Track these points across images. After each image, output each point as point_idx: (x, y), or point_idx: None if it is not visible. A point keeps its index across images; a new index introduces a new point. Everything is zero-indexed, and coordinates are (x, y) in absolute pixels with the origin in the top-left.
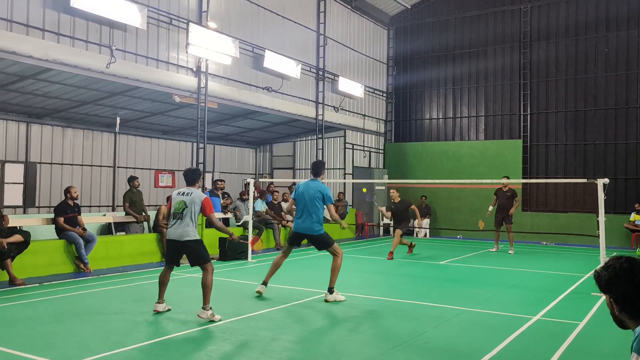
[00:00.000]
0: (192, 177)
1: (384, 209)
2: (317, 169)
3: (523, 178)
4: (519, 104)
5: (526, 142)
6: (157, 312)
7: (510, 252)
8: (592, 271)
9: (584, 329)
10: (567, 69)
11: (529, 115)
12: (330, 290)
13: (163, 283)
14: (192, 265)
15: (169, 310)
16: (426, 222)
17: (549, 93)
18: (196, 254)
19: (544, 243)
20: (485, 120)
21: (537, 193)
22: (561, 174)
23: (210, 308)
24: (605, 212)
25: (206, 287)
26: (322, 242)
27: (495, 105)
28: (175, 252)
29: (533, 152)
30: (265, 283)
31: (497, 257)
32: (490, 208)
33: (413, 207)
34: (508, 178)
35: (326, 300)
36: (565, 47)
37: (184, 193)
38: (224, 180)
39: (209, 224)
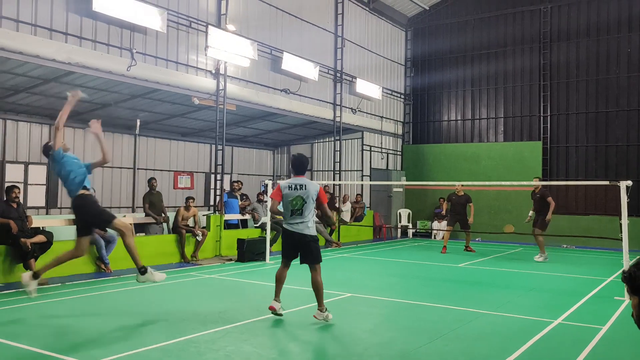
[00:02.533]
0: (303, 165)
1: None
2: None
3: (543, 180)
4: (539, 106)
5: (546, 144)
6: (273, 311)
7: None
8: (620, 272)
9: (606, 334)
10: (588, 69)
11: (549, 117)
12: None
13: (280, 280)
14: (301, 262)
15: (280, 315)
16: (444, 224)
17: (569, 94)
18: (312, 251)
19: (565, 246)
20: (504, 122)
21: (558, 195)
22: (582, 176)
23: (326, 309)
24: (628, 215)
25: (318, 288)
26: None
27: (515, 107)
28: (294, 247)
29: (553, 154)
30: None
31: (516, 260)
32: (531, 213)
33: (471, 204)
34: (539, 179)
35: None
36: (586, 48)
37: (297, 186)
38: (241, 182)
39: (323, 211)
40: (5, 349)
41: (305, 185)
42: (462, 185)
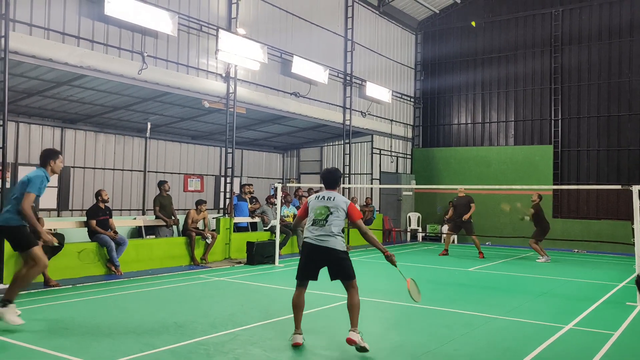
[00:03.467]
0: (333, 179)
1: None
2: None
3: (554, 184)
4: (550, 109)
5: (557, 148)
6: (298, 346)
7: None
8: (632, 277)
9: (618, 339)
10: (600, 73)
11: (560, 121)
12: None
13: (298, 307)
14: (332, 279)
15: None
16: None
17: (580, 98)
18: (343, 267)
19: (576, 251)
20: (515, 126)
21: (569, 200)
22: (593, 180)
23: (360, 332)
24: None
25: (354, 308)
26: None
27: (526, 110)
28: (315, 262)
29: (564, 157)
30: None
31: (527, 264)
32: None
33: (472, 205)
34: (539, 194)
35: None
36: (598, 51)
37: (325, 197)
38: (252, 185)
39: (361, 232)
40: (15, 349)
41: (333, 198)
42: (465, 189)
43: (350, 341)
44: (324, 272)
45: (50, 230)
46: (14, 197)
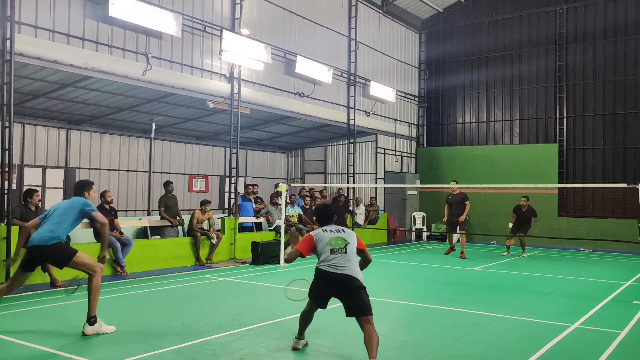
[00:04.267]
0: (330, 214)
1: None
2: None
3: (559, 183)
4: (555, 108)
5: (562, 146)
6: (295, 349)
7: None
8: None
9: (625, 339)
10: (605, 71)
11: (565, 119)
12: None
13: (306, 319)
14: (348, 314)
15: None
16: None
17: (586, 96)
18: (364, 299)
19: (582, 249)
20: (519, 124)
21: (574, 198)
22: (599, 178)
23: None
24: None
25: (375, 342)
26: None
27: (530, 109)
28: (329, 291)
29: (570, 156)
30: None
31: (532, 264)
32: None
33: (467, 202)
34: (527, 198)
35: (84, 333)
36: (603, 49)
37: (335, 230)
38: (257, 185)
39: (366, 259)
40: (23, 349)
41: (343, 230)
42: (456, 182)
43: None
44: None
45: None
46: (54, 223)
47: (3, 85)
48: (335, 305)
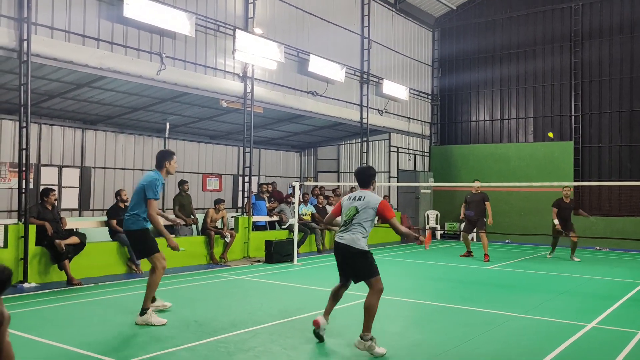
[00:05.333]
0: (365, 177)
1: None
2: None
3: (575, 181)
4: (570, 105)
5: (578, 144)
6: (316, 327)
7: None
8: None
9: None
10: (621, 67)
11: (580, 116)
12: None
13: (333, 296)
14: (355, 282)
15: (320, 337)
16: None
17: (602, 93)
18: (360, 266)
19: (598, 248)
20: (534, 122)
21: (590, 196)
22: (615, 176)
23: (371, 338)
24: None
25: (368, 310)
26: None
27: (545, 107)
28: (342, 260)
29: (585, 154)
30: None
31: (547, 262)
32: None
33: (488, 202)
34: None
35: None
36: (619, 45)
37: (355, 197)
38: (270, 184)
39: (394, 228)
40: (39, 347)
41: (364, 197)
42: (479, 181)
43: (356, 346)
44: None
45: (72, 229)
46: (134, 204)
47: (20, 86)
48: (349, 304)
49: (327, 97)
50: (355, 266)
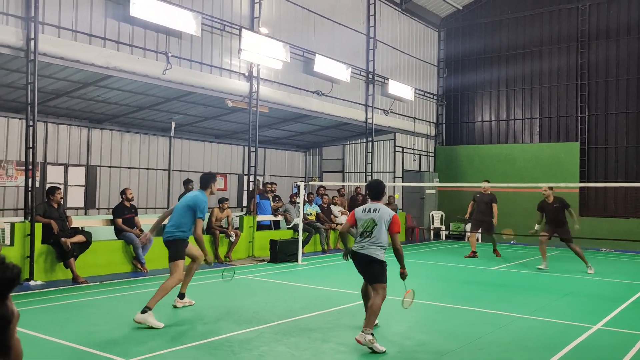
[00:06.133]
0: (377, 191)
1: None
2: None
3: (580, 182)
4: (576, 106)
5: (584, 145)
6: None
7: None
8: None
9: None
10: (628, 68)
11: (586, 117)
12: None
13: (364, 296)
14: (370, 284)
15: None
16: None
17: (608, 94)
18: (373, 271)
19: (603, 249)
20: (540, 123)
21: (596, 198)
22: (622, 177)
23: (372, 334)
24: None
25: (371, 310)
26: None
27: (551, 107)
28: (362, 268)
29: (591, 155)
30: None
31: (552, 264)
32: (537, 227)
33: (495, 204)
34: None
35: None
36: (627, 46)
37: (371, 210)
38: (275, 184)
39: (393, 245)
40: (45, 344)
41: (378, 210)
42: (489, 182)
43: (357, 340)
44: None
45: (78, 227)
46: (179, 219)
47: (27, 85)
48: (354, 303)
49: (332, 97)
50: (372, 270)
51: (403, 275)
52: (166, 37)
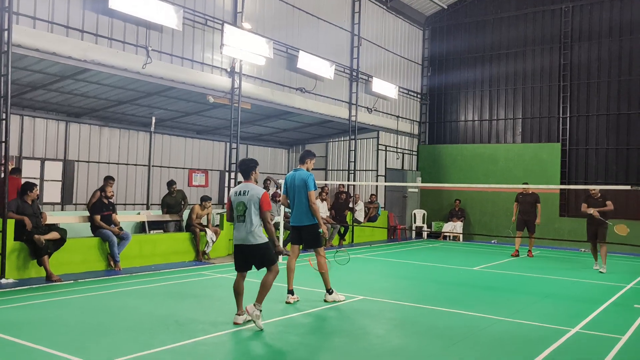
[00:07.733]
0: (245, 169)
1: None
2: (302, 157)
3: (561, 183)
4: (558, 107)
5: (565, 146)
6: (237, 324)
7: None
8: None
9: (626, 344)
10: (610, 70)
11: (568, 118)
12: (329, 291)
13: (238, 293)
14: (258, 269)
15: (248, 320)
16: (459, 225)
17: (590, 95)
18: (261, 258)
19: (582, 250)
20: (522, 123)
21: (576, 199)
22: (602, 179)
23: (260, 310)
24: None
25: (264, 287)
26: (309, 238)
27: (534, 108)
28: (244, 258)
29: (572, 156)
30: (291, 291)
31: (532, 264)
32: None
33: (539, 204)
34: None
35: (325, 300)
36: (608, 48)
37: (240, 192)
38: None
39: (264, 222)
40: (15, 347)
41: (248, 191)
42: (528, 184)
43: (246, 309)
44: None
45: (53, 224)
46: (301, 200)
47: (0, 77)
48: (337, 304)
49: (315, 94)
50: (263, 259)
51: (278, 252)
52: (146, 30)
